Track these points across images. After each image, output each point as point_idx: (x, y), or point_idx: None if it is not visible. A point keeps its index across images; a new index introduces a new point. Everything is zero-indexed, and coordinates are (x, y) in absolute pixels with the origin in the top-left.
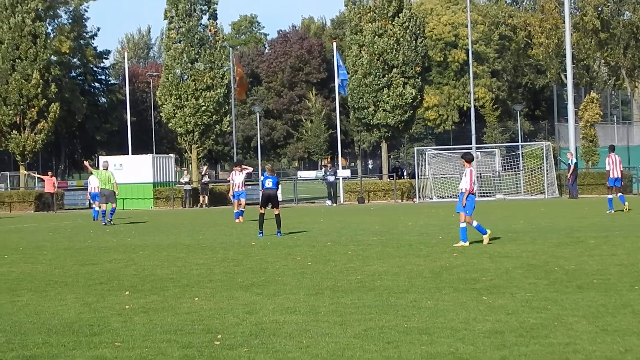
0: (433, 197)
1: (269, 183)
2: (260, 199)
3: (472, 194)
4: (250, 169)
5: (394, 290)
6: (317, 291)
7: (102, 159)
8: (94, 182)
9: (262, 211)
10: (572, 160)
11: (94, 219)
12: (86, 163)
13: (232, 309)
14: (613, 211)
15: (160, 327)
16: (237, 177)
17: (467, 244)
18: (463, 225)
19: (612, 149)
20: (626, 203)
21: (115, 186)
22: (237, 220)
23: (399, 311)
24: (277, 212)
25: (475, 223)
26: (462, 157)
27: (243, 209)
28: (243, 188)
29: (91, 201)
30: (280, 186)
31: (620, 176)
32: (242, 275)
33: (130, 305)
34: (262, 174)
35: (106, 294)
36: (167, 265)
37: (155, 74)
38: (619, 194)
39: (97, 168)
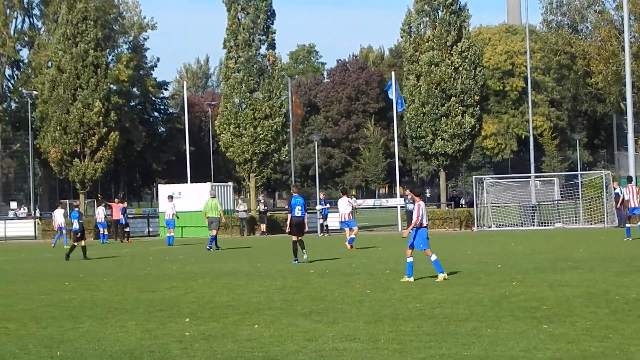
0: (492, 226)
1: (298, 211)
2: (290, 227)
3: (422, 227)
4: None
5: (454, 319)
6: (376, 319)
7: (171, 188)
8: (169, 210)
9: (295, 239)
10: (619, 190)
11: (168, 245)
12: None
13: (291, 336)
14: (630, 239)
15: (221, 354)
16: (347, 207)
17: (411, 279)
18: (410, 260)
19: (629, 180)
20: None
21: (221, 214)
22: (351, 247)
23: (458, 339)
24: (300, 239)
25: (410, 259)
26: (410, 191)
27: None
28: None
29: (166, 228)
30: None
31: (638, 205)
32: (301, 303)
33: (190, 332)
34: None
35: (166, 320)
36: (226, 293)
37: (213, 103)
38: (638, 223)
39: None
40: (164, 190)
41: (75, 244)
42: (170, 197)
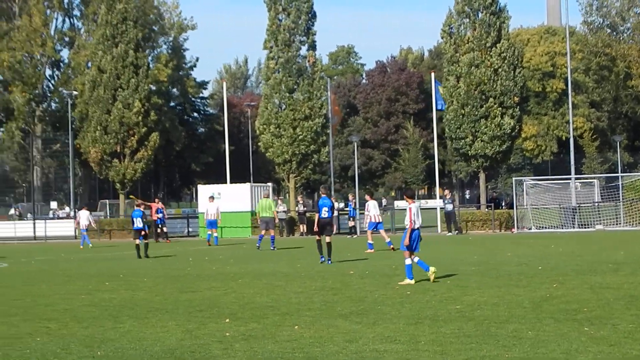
0: (532, 228)
1: (325, 212)
2: (317, 228)
3: (413, 229)
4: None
5: (494, 320)
6: (416, 320)
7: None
8: (211, 209)
9: (319, 238)
10: None
11: (208, 244)
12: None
13: (332, 337)
14: None
15: (261, 355)
16: (374, 209)
17: (412, 281)
18: (408, 262)
19: None
20: None
21: (274, 213)
22: (370, 251)
23: (499, 341)
24: (328, 241)
25: (416, 259)
26: (404, 194)
27: (390, 240)
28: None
29: (206, 228)
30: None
31: None
32: (341, 304)
33: (230, 332)
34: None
35: (206, 321)
36: (266, 293)
37: (252, 103)
38: None
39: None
40: (204, 190)
41: (138, 242)
42: (212, 198)
